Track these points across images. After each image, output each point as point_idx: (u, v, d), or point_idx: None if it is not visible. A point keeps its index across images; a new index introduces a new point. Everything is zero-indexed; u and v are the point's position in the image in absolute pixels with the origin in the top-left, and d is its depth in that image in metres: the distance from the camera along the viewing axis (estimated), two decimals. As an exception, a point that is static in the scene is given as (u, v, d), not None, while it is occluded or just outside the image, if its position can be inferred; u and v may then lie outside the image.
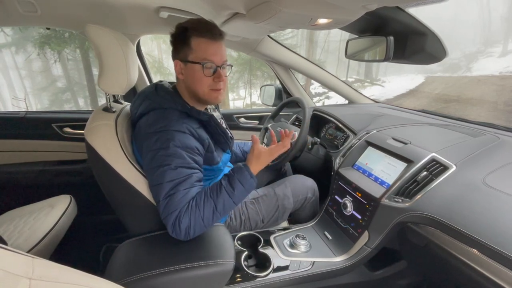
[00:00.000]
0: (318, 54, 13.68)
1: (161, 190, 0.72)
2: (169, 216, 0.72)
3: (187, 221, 0.72)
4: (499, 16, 20.17)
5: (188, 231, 0.72)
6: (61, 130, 1.45)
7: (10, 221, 1.08)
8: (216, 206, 0.75)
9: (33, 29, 6.03)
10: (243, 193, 0.80)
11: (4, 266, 0.28)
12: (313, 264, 0.89)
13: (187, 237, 0.73)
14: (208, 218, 0.74)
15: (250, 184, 0.81)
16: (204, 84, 0.81)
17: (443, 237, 0.70)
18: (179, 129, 0.76)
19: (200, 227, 0.74)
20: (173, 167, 0.73)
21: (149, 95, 0.83)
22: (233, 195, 0.78)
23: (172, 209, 0.71)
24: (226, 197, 0.77)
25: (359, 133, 1.21)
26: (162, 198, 0.72)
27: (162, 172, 0.72)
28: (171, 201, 0.72)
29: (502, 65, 13.36)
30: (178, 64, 0.82)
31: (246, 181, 0.80)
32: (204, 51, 0.78)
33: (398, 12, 0.93)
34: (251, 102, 10.66)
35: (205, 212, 0.74)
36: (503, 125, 1.12)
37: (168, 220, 0.72)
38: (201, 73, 0.79)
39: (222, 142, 0.92)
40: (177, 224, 0.71)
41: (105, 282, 0.37)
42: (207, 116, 0.84)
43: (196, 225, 0.73)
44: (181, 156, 0.74)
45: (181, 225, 0.71)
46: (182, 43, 0.79)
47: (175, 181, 0.73)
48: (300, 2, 0.71)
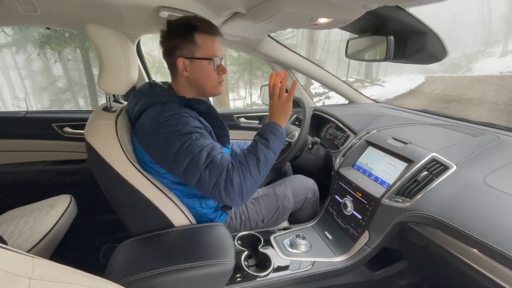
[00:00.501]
0: (318, 54, 13.69)
1: (197, 162, 0.72)
2: (219, 179, 0.71)
3: (238, 178, 0.72)
4: (499, 16, 20.16)
5: (241, 189, 0.72)
6: (61, 130, 1.45)
7: (10, 221, 1.08)
8: (258, 158, 0.76)
9: (33, 29, 6.04)
10: (277, 142, 0.81)
11: (4, 266, 0.28)
12: (313, 264, 0.88)
13: (241, 197, 0.73)
14: (255, 171, 0.75)
15: (280, 132, 0.83)
16: (212, 78, 0.85)
17: (444, 237, 0.70)
18: (184, 114, 0.77)
19: (251, 183, 0.74)
20: (194, 139, 0.73)
21: (145, 92, 0.84)
22: (269, 144, 0.79)
23: (218, 171, 0.71)
24: (263, 148, 0.78)
25: (359, 133, 1.21)
26: (202, 169, 0.71)
27: (187, 148, 0.72)
28: (213, 166, 0.72)
29: (503, 65, 13.35)
30: (182, 61, 0.82)
31: (275, 130, 0.82)
32: (211, 48, 0.82)
33: (398, 11, 0.93)
34: (251, 102, 10.67)
35: (250, 166, 0.74)
36: (503, 125, 1.12)
37: (218, 184, 0.71)
38: (209, 68, 0.83)
39: (221, 136, 0.92)
40: (228, 183, 0.71)
41: (105, 282, 0.37)
42: (206, 106, 0.86)
43: (246, 180, 0.73)
44: (197, 131, 0.76)
45: (233, 182, 0.71)
46: (186, 40, 0.80)
47: (205, 148, 0.73)
48: (300, 2, 0.71)
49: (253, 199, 1.07)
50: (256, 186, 0.76)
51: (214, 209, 0.94)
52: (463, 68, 16.11)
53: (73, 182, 1.49)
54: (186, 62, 0.82)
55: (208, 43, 0.81)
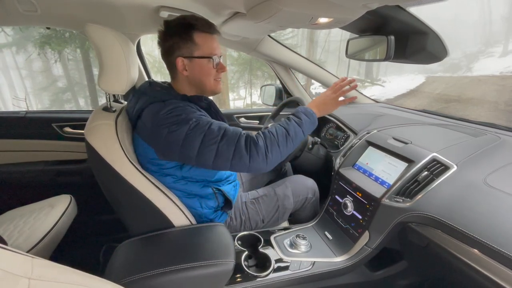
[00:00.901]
0: (318, 54, 13.68)
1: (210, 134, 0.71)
2: (238, 145, 0.70)
3: (262, 142, 0.71)
4: (499, 16, 20.15)
5: (265, 153, 0.71)
6: (61, 130, 1.45)
7: (10, 220, 1.08)
8: (288, 131, 0.77)
9: (33, 29, 6.04)
10: (309, 124, 0.83)
11: (3, 266, 0.28)
12: (313, 264, 0.88)
13: (265, 161, 0.72)
14: (282, 142, 0.75)
15: (314, 118, 0.85)
16: (211, 76, 0.85)
17: (444, 237, 0.70)
18: (186, 106, 0.78)
19: (276, 151, 0.74)
20: (200, 119, 0.74)
21: (145, 91, 0.84)
22: (301, 123, 0.81)
23: (235, 137, 0.71)
24: (295, 124, 0.80)
25: (359, 133, 1.21)
26: (219, 140, 0.71)
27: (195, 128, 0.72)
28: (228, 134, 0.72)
29: (503, 65, 13.33)
30: (181, 61, 0.82)
31: (309, 114, 0.84)
32: (210, 46, 0.83)
33: (399, 11, 0.93)
34: (251, 102, 10.67)
35: (278, 135, 0.75)
36: (504, 125, 1.12)
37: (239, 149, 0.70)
38: (209, 66, 0.84)
39: None
40: (252, 146, 0.71)
41: (105, 282, 0.37)
42: (207, 102, 0.87)
43: (273, 147, 0.73)
44: (201, 116, 0.76)
45: (258, 145, 0.71)
46: (185, 39, 0.80)
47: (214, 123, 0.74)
48: (300, 1, 0.71)
49: (253, 199, 1.07)
50: (280, 157, 0.75)
51: (214, 209, 0.94)
52: (464, 68, 16.10)
53: (73, 182, 1.49)
54: (185, 61, 0.82)
55: (207, 41, 0.82)
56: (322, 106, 0.90)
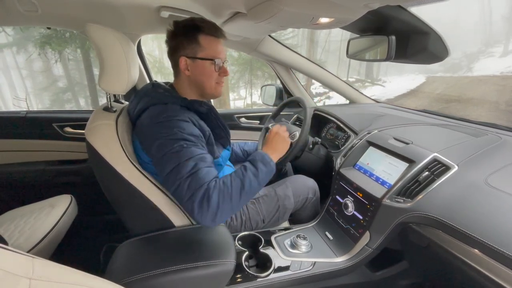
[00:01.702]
0: (319, 54, 13.68)
1: (181, 169, 0.70)
2: (196, 192, 0.68)
3: (216, 198, 0.69)
4: (500, 16, 20.13)
5: (216, 210, 0.69)
6: (61, 130, 1.45)
7: (10, 220, 1.08)
8: (244, 185, 0.74)
9: (34, 29, 6.04)
10: (266, 174, 0.80)
11: (4, 266, 0.28)
12: (314, 265, 0.88)
13: (214, 218, 0.70)
14: (236, 197, 0.72)
15: (271, 166, 0.82)
16: (212, 79, 0.86)
17: (445, 238, 0.70)
18: (183, 118, 0.77)
19: (227, 208, 0.71)
20: (185, 146, 0.72)
21: (147, 92, 0.85)
22: (257, 174, 0.78)
23: (198, 184, 0.69)
24: (251, 176, 0.76)
25: (360, 133, 1.21)
26: (185, 177, 0.69)
27: (176, 153, 0.71)
28: (196, 177, 0.69)
29: (504, 65, 13.32)
30: (184, 60, 0.83)
31: (266, 162, 0.81)
32: (214, 49, 0.84)
33: (400, 11, 0.93)
34: (251, 102, 10.67)
35: (233, 190, 0.72)
36: (505, 125, 1.12)
37: (194, 198, 0.68)
38: (211, 69, 0.84)
39: (222, 137, 0.93)
40: (205, 200, 0.68)
41: (105, 282, 0.37)
42: (207, 108, 0.86)
43: (225, 204, 0.70)
44: (190, 140, 0.75)
45: (211, 201, 0.68)
46: (189, 40, 0.81)
47: (193, 158, 0.71)
48: (301, 1, 0.71)
49: (254, 199, 1.07)
50: (231, 212, 0.73)
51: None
52: (464, 68, 16.09)
53: (73, 182, 1.49)
54: (188, 61, 0.83)
55: (211, 44, 0.83)
56: (277, 151, 0.89)
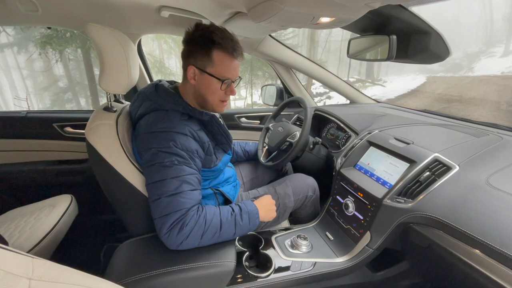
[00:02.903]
0: (319, 54, 13.69)
1: (165, 186, 0.70)
2: (172, 214, 0.68)
3: (190, 229, 0.69)
4: (501, 16, 20.10)
5: (184, 239, 0.69)
6: (62, 130, 1.45)
7: (11, 220, 1.08)
8: (221, 228, 0.74)
9: (34, 29, 6.05)
10: (246, 228, 0.80)
11: (4, 267, 0.28)
12: (314, 265, 0.88)
13: (178, 245, 0.70)
14: (207, 237, 0.73)
15: (254, 224, 0.82)
16: (216, 96, 0.83)
17: (446, 238, 0.70)
18: (181, 131, 0.75)
19: (194, 242, 0.71)
20: (176, 163, 0.72)
21: (150, 95, 0.83)
22: (239, 226, 0.78)
23: (177, 207, 0.69)
24: (231, 224, 0.77)
25: (361, 133, 1.20)
26: (166, 195, 0.69)
27: (165, 167, 0.71)
28: (177, 200, 0.69)
29: (504, 65, 13.31)
30: (193, 70, 0.80)
31: (253, 221, 0.81)
32: (226, 69, 0.79)
33: (401, 10, 0.92)
34: (252, 102, 10.67)
35: (209, 229, 0.72)
36: (506, 125, 1.12)
37: (168, 218, 0.68)
38: (216, 87, 0.81)
39: (223, 143, 0.92)
40: (178, 227, 0.68)
41: (105, 282, 0.37)
42: (209, 116, 0.84)
43: (194, 237, 0.70)
44: (183, 156, 0.74)
45: (183, 229, 0.68)
46: (203, 52, 0.78)
47: (180, 177, 0.71)
48: (302, 1, 0.71)
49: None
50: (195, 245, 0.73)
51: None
52: (465, 68, 16.07)
53: (74, 182, 1.49)
54: (196, 71, 0.80)
55: (224, 62, 0.79)
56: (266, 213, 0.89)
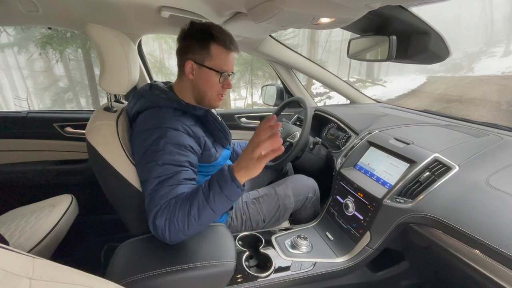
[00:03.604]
0: (319, 54, 13.69)
1: (148, 185, 0.71)
2: (149, 212, 0.68)
3: (163, 221, 0.67)
4: (501, 16, 20.09)
5: (163, 232, 0.67)
6: (62, 130, 1.45)
7: (11, 220, 1.08)
8: (190, 209, 0.66)
9: (35, 29, 6.06)
10: (222, 200, 0.67)
11: (4, 266, 0.28)
12: (314, 265, 0.88)
13: (163, 238, 0.68)
14: (183, 222, 0.66)
15: (231, 190, 0.66)
16: (214, 89, 0.85)
17: (446, 238, 0.70)
18: (173, 126, 0.75)
19: (176, 231, 0.66)
20: (160, 164, 0.71)
21: (144, 93, 0.84)
22: (209, 199, 0.66)
23: (153, 205, 0.68)
24: (201, 200, 0.66)
25: (361, 133, 1.20)
26: (147, 194, 0.70)
27: (150, 168, 0.72)
28: (154, 197, 0.69)
29: (505, 64, 13.32)
30: (191, 65, 0.82)
31: (226, 185, 0.66)
32: (224, 62, 0.82)
33: (401, 11, 0.92)
34: (252, 102, 10.66)
35: (179, 214, 0.66)
36: (506, 125, 1.12)
37: (148, 216, 0.69)
38: (215, 80, 0.83)
39: (221, 138, 0.91)
40: (154, 222, 0.67)
41: (106, 282, 0.37)
42: (204, 111, 0.84)
43: (171, 227, 0.66)
44: (171, 152, 0.73)
45: (157, 223, 0.67)
46: (201, 46, 0.80)
47: (161, 177, 0.71)
48: (302, 1, 0.71)
49: (254, 199, 1.07)
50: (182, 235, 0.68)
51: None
52: (465, 68, 16.08)
53: (74, 182, 1.50)
54: (194, 66, 0.82)
55: (221, 55, 0.81)
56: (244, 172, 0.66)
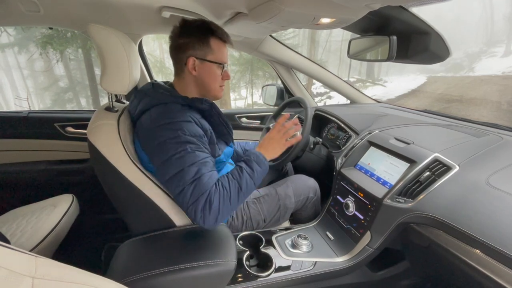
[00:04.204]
0: (320, 54, 13.69)
1: (185, 175, 0.71)
2: (200, 199, 0.70)
3: (217, 203, 0.71)
4: (502, 16, 20.07)
5: (217, 213, 0.71)
6: (63, 130, 1.45)
7: (12, 220, 1.08)
8: (241, 186, 0.77)
9: (35, 29, 6.06)
10: (260, 173, 0.83)
11: (7, 265, 0.28)
12: (315, 264, 0.88)
13: (215, 221, 0.72)
14: (235, 199, 0.75)
15: (266, 166, 0.85)
16: (217, 82, 0.89)
17: (446, 238, 0.70)
18: (185, 119, 0.77)
19: (227, 210, 0.74)
20: (190, 151, 0.73)
21: (148, 92, 0.85)
22: (253, 175, 0.81)
23: (202, 190, 0.71)
24: (247, 177, 0.79)
25: (361, 133, 1.21)
26: (188, 183, 0.71)
27: (179, 158, 0.72)
28: (199, 184, 0.71)
29: (506, 64, 13.31)
30: (193, 61, 0.84)
31: (261, 163, 0.84)
32: (222, 54, 0.87)
33: (401, 11, 0.93)
34: (252, 102, 10.66)
35: (232, 192, 0.75)
36: (506, 125, 1.12)
37: (198, 203, 0.70)
38: (217, 73, 0.88)
39: (224, 134, 0.93)
40: (207, 207, 0.71)
41: (107, 281, 0.37)
42: (209, 104, 0.86)
43: (225, 206, 0.73)
44: (193, 142, 0.75)
45: (212, 206, 0.71)
46: (201, 42, 0.83)
47: (197, 163, 0.73)
48: (302, 2, 0.71)
49: (255, 199, 1.07)
50: (231, 212, 0.77)
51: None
52: (466, 68, 16.07)
53: (75, 182, 1.50)
54: (196, 62, 0.84)
55: (220, 48, 0.86)
56: (271, 151, 0.91)
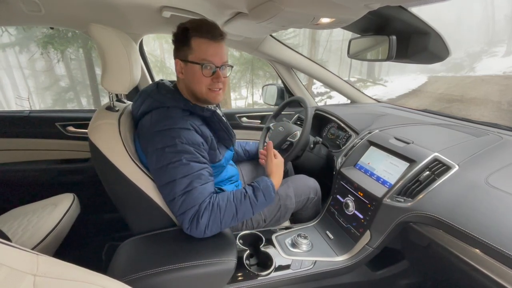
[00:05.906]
0: (320, 54, 13.66)
1: (176, 186, 0.73)
2: (188, 211, 0.72)
3: (206, 220, 0.73)
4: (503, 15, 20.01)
5: (205, 229, 0.73)
6: (64, 129, 1.45)
7: (14, 219, 1.09)
8: (237, 213, 0.77)
9: (36, 28, 6.06)
10: (263, 205, 0.83)
11: (9, 263, 0.29)
12: (314, 264, 0.89)
13: (202, 234, 0.74)
14: (226, 222, 0.76)
15: (271, 198, 0.84)
16: (202, 84, 0.81)
17: (446, 237, 0.70)
18: (184, 126, 0.77)
19: (216, 228, 0.76)
20: (184, 162, 0.73)
21: (151, 93, 0.84)
22: (255, 205, 0.80)
23: (191, 204, 0.72)
24: (248, 206, 0.79)
25: (361, 132, 1.21)
26: (179, 194, 0.72)
27: (173, 168, 0.73)
28: (189, 197, 0.72)
29: (506, 64, 13.27)
30: (179, 63, 0.83)
31: (269, 195, 0.84)
32: (204, 52, 0.79)
33: (400, 11, 0.93)
34: (253, 102, 10.66)
35: (225, 215, 0.75)
36: (506, 125, 1.12)
37: (185, 215, 0.72)
38: (200, 73, 0.80)
39: (225, 139, 0.93)
40: (195, 220, 0.72)
41: (108, 279, 0.38)
42: (210, 112, 0.85)
43: (214, 225, 0.74)
44: (190, 151, 0.75)
45: (200, 221, 0.72)
46: (182, 43, 0.81)
47: (189, 176, 0.73)
48: (302, 2, 0.71)
49: None
50: (219, 230, 0.78)
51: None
52: (466, 68, 16.03)
53: (76, 181, 1.50)
54: (181, 64, 0.83)
55: (201, 47, 0.79)
56: (278, 178, 0.93)
